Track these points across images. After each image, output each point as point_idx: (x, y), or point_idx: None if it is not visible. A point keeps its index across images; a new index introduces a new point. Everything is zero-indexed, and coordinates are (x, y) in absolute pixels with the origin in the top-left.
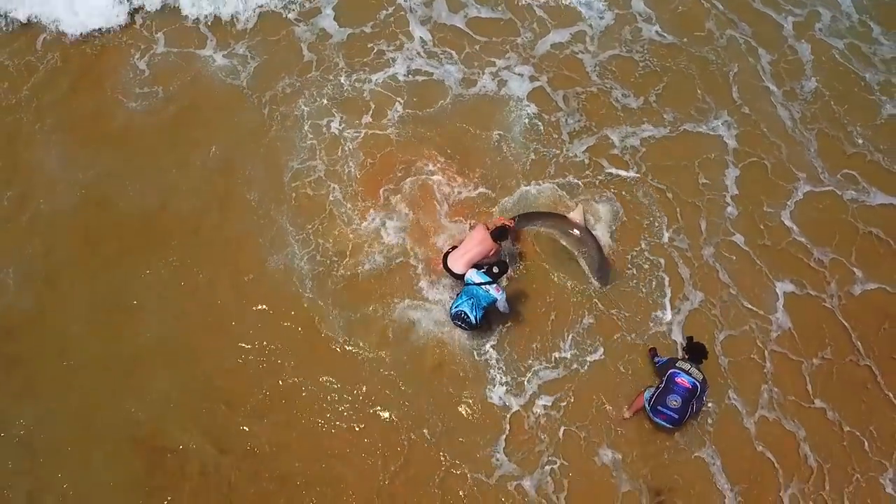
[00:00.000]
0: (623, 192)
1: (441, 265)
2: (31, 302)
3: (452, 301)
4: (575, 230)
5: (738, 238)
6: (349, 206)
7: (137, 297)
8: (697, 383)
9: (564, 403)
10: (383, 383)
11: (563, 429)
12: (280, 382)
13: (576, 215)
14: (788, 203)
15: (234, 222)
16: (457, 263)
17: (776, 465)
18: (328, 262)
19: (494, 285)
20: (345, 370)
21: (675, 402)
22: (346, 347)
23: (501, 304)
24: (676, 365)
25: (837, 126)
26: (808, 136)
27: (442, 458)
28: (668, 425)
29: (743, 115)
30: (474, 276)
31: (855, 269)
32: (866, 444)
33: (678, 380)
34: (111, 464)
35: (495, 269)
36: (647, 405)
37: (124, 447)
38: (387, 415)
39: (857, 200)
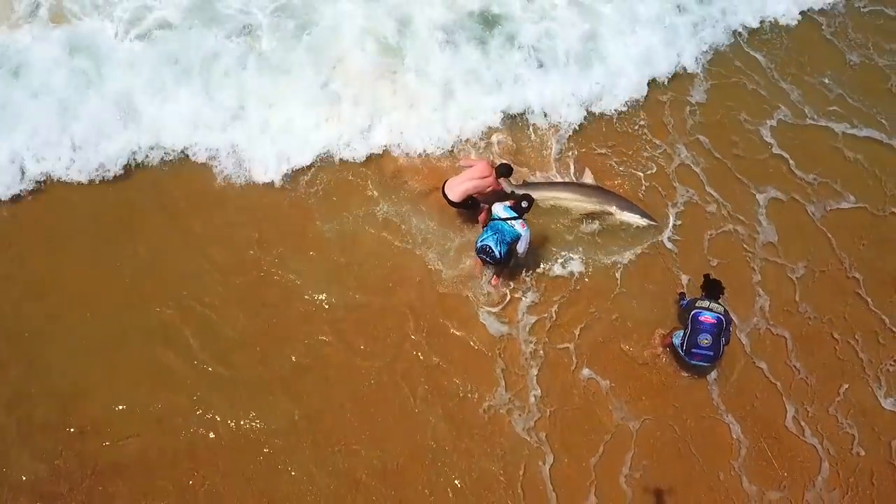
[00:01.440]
0: None
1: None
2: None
3: (478, 235)
4: (598, 192)
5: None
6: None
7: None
8: (721, 316)
9: (550, 322)
10: (365, 287)
11: (548, 348)
12: (261, 275)
13: (587, 178)
14: (769, 122)
15: None
16: (452, 191)
17: (768, 374)
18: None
19: (520, 221)
20: (328, 267)
21: (706, 341)
22: (329, 251)
23: (524, 242)
24: (697, 305)
25: (810, 75)
26: (786, 85)
27: (425, 358)
28: (705, 364)
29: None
30: (500, 211)
31: (835, 186)
32: (859, 352)
33: (702, 318)
34: (113, 343)
35: (523, 204)
36: (680, 351)
37: (124, 330)
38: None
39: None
